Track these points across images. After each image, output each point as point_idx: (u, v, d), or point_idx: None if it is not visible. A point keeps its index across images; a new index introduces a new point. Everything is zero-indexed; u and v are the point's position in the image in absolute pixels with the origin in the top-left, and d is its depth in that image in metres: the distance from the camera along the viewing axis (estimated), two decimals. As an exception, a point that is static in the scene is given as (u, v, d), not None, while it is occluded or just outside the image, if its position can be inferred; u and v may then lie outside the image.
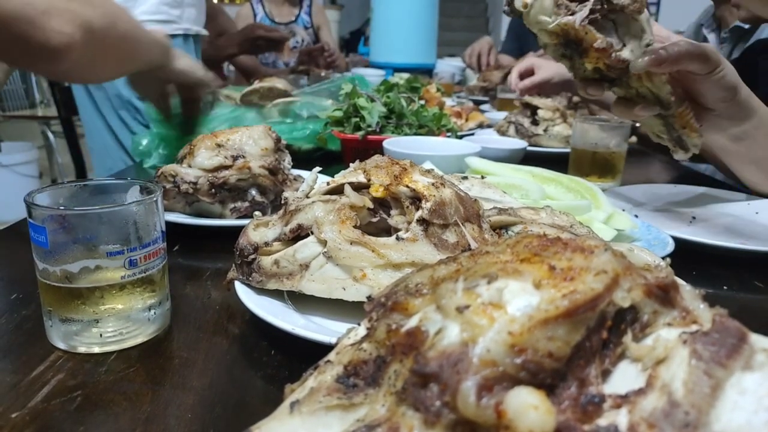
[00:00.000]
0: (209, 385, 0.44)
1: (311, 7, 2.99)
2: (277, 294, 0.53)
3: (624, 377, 0.26)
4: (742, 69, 1.43)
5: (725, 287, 0.67)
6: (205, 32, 1.82)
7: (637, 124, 1.15)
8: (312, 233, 0.51)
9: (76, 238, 0.47)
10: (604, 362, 0.26)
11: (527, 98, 1.44)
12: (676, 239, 0.70)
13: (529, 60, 1.60)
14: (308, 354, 0.38)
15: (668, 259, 0.34)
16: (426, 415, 0.24)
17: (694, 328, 0.26)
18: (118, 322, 0.48)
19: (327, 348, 0.34)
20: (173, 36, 1.59)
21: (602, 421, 0.23)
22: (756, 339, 0.25)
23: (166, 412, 0.41)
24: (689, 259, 0.70)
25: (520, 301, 0.25)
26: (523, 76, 1.59)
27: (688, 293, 0.29)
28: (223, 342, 0.51)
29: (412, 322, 0.28)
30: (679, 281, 0.29)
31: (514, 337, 0.24)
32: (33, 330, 0.51)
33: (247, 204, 0.79)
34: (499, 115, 1.74)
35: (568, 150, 1.18)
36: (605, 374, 0.26)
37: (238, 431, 0.28)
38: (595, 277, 0.26)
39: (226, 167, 0.79)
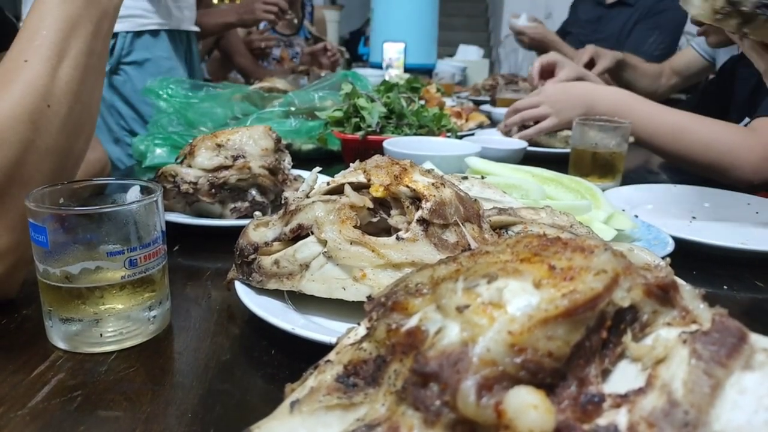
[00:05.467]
0: (209, 385, 0.44)
1: (312, 14, 2.99)
2: (277, 294, 0.53)
3: (624, 377, 0.26)
4: (723, 78, 1.45)
5: (725, 287, 0.67)
6: (196, 29, 1.78)
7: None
8: (312, 233, 0.51)
9: (76, 238, 0.47)
10: (604, 362, 0.26)
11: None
12: (676, 239, 0.70)
13: (553, 56, 1.51)
14: (308, 354, 0.38)
15: (668, 259, 0.34)
16: (426, 414, 0.24)
17: (693, 327, 0.26)
18: (118, 322, 0.48)
19: (327, 348, 0.34)
20: (145, 32, 1.55)
21: (602, 421, 0.23)
22: (756, 339, 0.25)
23: (166, 412, 0.41)
24: (689, 259, 0.70)
25: (520, 300, 0.25)
26: (544, 72, 1.51)
27: (688, 293, 0.29)
28: (224, 342, 0.51)
29: (412, 322, 0.28)
30: (679, 281, 0.29)
31: (514, 337, 0.24)
32: (33, 330, 0.51)
33: (247, 204, 0.79)
34: (503, 111, 1.74)
35: (568, 150, 1.18)
36: (605, 374, 0.26)
37: (239, 431, 0.28)
38: (595, 276, 0.26)
39: (227, 167, 0.79)
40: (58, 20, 0.56)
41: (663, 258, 0.37)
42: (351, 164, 0.58)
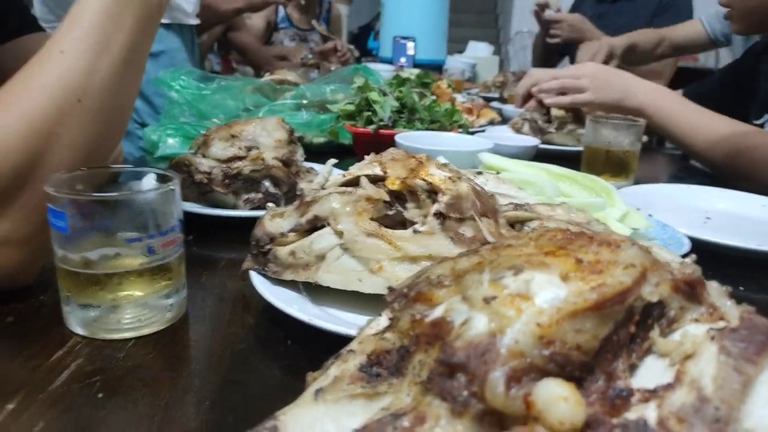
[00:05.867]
0: (226, 374, 0.44)
1: (329, 13, 2.99)
2: (292, 285, 0.53)
3: (651, 372, 0.25)
4: (743, 69, 1.43)
5: (741, 288, 0.66)
6: (197, 21, 1.78)
7: None
8: (328, 224, 0.51)
9: (94, 224, 0.47)
10: (632, 357, 0.26)
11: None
12: (691, 239, 0.69)
13: (534, 75, 1.40)
14: (324, 345, 0.38)
15: (693, 256, 0.34)
16: (453, 404, 0.24)
17: (721, 324, 0.26)
18: (135, 309, 0.49)
19: (343, 339, 0.34)
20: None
21: (631, 415, 0.23)
22: (785, 337, 0.25)
23: (184, 400, 0.41)
24: (704, 259, 0.69)
25: (547, 293, 0.25)
26: (528, 96, 1.41)
27: (715, 290, 0.28)
28: (239, 332, 0.51)
29: (437, 313, 0.28)
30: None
31: (542, 329, 0.24)
32: (50, 316, 0.51)
33: (260, 195, 0.79)
34: (514, 109, 1.73)
35: (581, 148, 1.18)
36: (632, 369, 0.26)
37: (256, 419, 0.28)
38: (624, 270, 0.26)
39: (240, 158, 0.79)
40: (99, 13, 0.55)
41: (682, 257, 0.36)
42: (366, 157, 0.58)
